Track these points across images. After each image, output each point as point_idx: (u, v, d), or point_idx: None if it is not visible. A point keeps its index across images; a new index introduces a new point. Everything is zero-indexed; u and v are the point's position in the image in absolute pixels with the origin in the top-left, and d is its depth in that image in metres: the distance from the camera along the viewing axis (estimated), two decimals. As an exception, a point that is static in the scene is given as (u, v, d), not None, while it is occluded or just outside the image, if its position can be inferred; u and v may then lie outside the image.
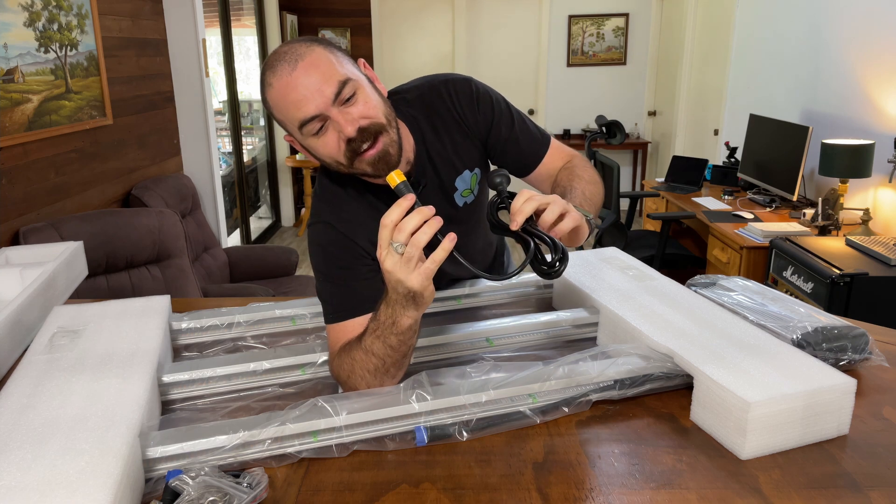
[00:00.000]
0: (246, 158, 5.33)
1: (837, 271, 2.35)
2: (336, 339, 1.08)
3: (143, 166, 3.18)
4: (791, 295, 1.46)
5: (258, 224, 5.74)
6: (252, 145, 5.71)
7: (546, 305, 1.39)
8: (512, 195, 0.95)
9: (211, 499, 0.74)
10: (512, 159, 1.25)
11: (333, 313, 1.09)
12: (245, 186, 5.13)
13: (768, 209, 3.45)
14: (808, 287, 2.50)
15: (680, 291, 1.23)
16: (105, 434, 0.80)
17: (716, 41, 4.91)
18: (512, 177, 1.20)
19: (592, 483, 0.82)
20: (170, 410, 1.00)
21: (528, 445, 0.90)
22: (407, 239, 0.85)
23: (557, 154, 1.26)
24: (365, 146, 1.01)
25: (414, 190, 0.98)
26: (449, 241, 0.86)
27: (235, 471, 0.83)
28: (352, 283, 1.10)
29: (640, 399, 1.01)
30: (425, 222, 0.85)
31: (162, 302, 1.24)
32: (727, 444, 0.89)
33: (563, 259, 0.91)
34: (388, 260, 0.87)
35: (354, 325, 1.07)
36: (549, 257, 0.92)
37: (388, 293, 0.93)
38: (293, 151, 6.04)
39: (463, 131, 1.21)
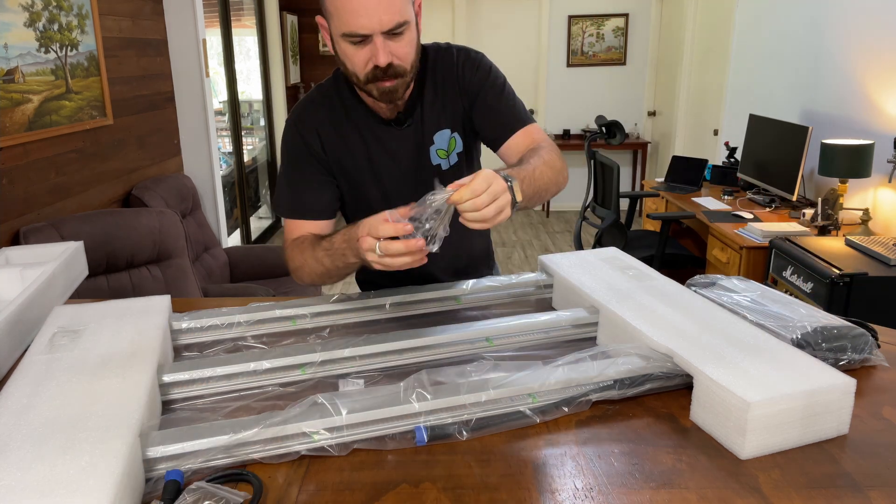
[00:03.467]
0: (246, 158, 5.33)
1: (837, 271, 2.35)
2: (289, 231, 1.31)
3: (144, 166, 3.18)
4: (791, 295, 1.47)
5: (258, 224, 5.74)
6: (252, 145, 5.72)
7: (546, 305, 1.39)
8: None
9: (207, 502, 0.75)
10: (489, 127, 1.32)
11: (285, 209, 1.31)
12: (245, 186, 5.13)
13: (768, 209, 3.45)
14: (807, 287, 2.50)
15: (680, 291, 1.23)
16: (105, 434, 0.80)
17: (716, 41, 4.91)
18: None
19: (592, 483, 0.82)
20: (170, 410, 1.00)
21: (528, 445, 0.90)
22: (386, 253, 0.97)
23: (528, 136, 1.30)
24: (385, 76, 1.14)
25: (399, 125, 1.27)
26: (416, 263, 0.99)
27: (235, 470, 0.84)
28: (301, 187, 1.29)
29: (640, 399, 1.01)
30: (410, 255, 0.97)
31: (162, 302, 1.24)
32: (727, 444, 0.89)
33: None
34: (365, 243, 0.98)
35: (302, 225, 1.29)
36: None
37: (350, 237, 1.08)
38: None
39: (456, 89, 1.31)
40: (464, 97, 1.32)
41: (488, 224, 0.97)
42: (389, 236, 0.96)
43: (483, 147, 1.44)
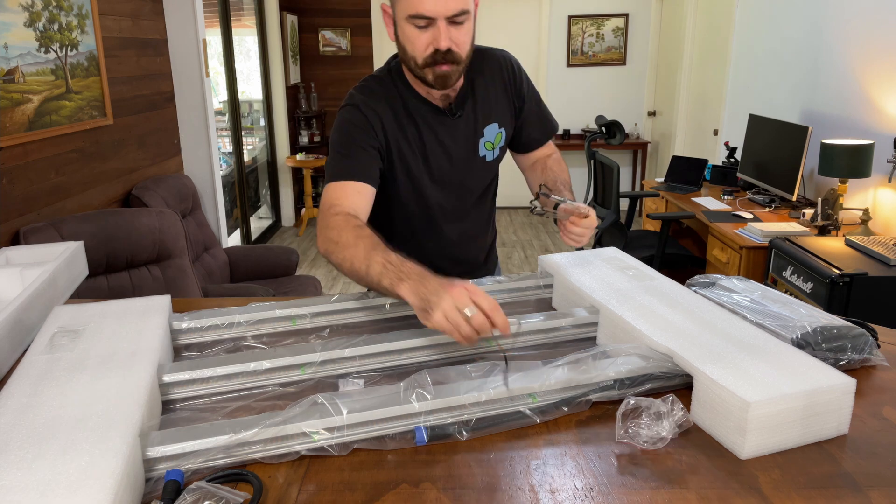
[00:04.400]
0: (246, 158, 5.33)
1: (837, 271, 2.35)
2: (329, 198, 1.27)
3: (144, 166, 3.18)
4: (791, 295, 1.47)
5: (258, 224, 5.75)
6: (252, 145, 5.72)
7: (546, 305, 1.39)
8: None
9: (207, 502, 0.75)
10: (527, 132, 1.48)
11: (332, 174, 1.30)
12: (245, 186, 5.13)
13: (768, 209, 3.45)
14: (807, 287, 2.50)
15: (680, 291, 1.23)
16: (105, 434, 0.80)
17: (716, 41, 4.91)
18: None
19: (592, 483, 0.82)
20: (170, 410, 1.00)
21: (528, 445, 0.90)
22: (476, 319, 0.95)
23: (546, 148, 1.55)
24: (443, 61, 1.22)
25: (451, 115, 1.37)
26: (499, 330, 0.99)
27: (235, 470, 0.84)
28: (356, 153, 1.30)
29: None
30: (490, 320, 0.97)
31: (162, 302, 1.24)
32: (727, 444, 0.89)
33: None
34: (460, 296, 0.96)
35: (347, 188, 1.27)
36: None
37: (415, 282, 1.02)
38: (293, 152, 6.05)
39: (506, 90, 1.42)
40: (515, 98, 1.44)
41: (578, 244, 1.31)
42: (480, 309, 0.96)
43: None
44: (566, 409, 0.96)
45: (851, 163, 2.93)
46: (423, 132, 1.38)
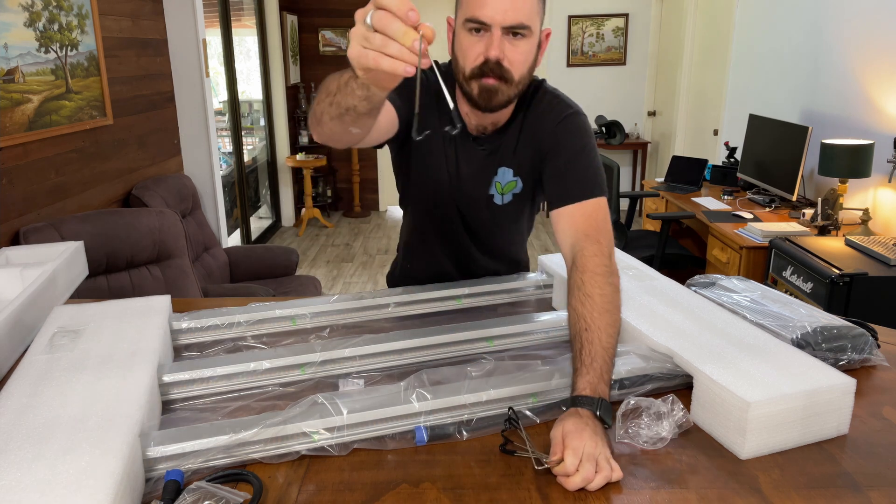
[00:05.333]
0: (246, 158, 5.33)
1: (837, 271, 2.35)
2: None
3: (144, 166, 3.18)
4: (791, 295, 1.46)
5: (258, 224, 5.74)
6: (252, 145, 5.72)
7: (546, 305, 1.39)
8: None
9: (207, 502, 0.75)
10: (549, 189, 1.24)
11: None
12: (245, 186, 5.13)
13: (768, 209, 3.45)
14: (807, 287, 2.50)
15: (680, 291, 1.23)
16: (105, 434, 0.80)
17: (716, 41, 4.91)
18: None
19: (592, 483, 0.82)
20: (170, 410, 1.00)
21: (527, 445, 0.90)
22: (378, 27, 0.73)
23: (585, 215, 1.16)
24: (490, 73, 1.12)
25: (474, 141, 1.25)
26: (404, 67, 0.74)
27: (235, 470, 0.84)
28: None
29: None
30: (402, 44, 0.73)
31: (162, 302, 1.24)
32: (727, 444, 0.89)
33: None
34: (358, 14, 0.76)
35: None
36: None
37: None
38: (293, 152, 6.05)
39: (536, 135, 1.26)
40: (540, 148, 1.26)
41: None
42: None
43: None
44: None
45: (851, 163, 2.93)
46: (447, 146, 1.29)
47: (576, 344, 0.97)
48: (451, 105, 0.80)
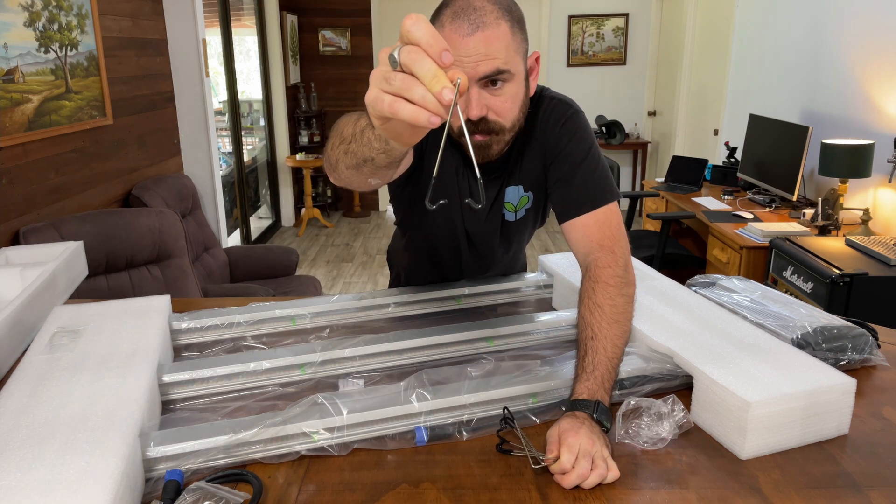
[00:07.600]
0: (246, 158, 5.33)
1: (837, 271, 2.35)
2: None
3: (143, 166, 3.18)
4: (791, 295, 1.46)
5: (258, 224, 5.74)
6: (252, 145, 5.72)
7: (546, 305, 1.39)
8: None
9: (207, 502, 0.75)
10: (557, 199, 1.18)
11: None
12: (245, 186, 5.13)
13: (768, 209, 3.45)
14: (807, 287, 2.50)
15: (680, 291, 1.23)
16: (105, 434, 0.80)
17: (716, 41, 4.91)
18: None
19: (592, 483, 0.82)
20: (170, 410, 1.00)
21: (528, 445, 0.90)
22: (407, 65, 0.61)
23: (598, 224, 1.11)
24: (475, 131, 1.02)
25: (483, 175, 1.10)
26: (427, 118, 0.62)
27: (235, 470, 0.83)
28: None
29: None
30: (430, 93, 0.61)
31: (162, 302, 1.24)
32: (727, 444, 0.89)
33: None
34: (382, 54, 0.64)
35: None
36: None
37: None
38: (293, 152, 6.04)
39: (540, 144, 1.18)
40: (545, 155, 1.19)
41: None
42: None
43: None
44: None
45: (851, 163, 2.93)
46: (459, 173, 1.21)
47: (580, 350, 0.97)
48: (479, 177, 0.67)
